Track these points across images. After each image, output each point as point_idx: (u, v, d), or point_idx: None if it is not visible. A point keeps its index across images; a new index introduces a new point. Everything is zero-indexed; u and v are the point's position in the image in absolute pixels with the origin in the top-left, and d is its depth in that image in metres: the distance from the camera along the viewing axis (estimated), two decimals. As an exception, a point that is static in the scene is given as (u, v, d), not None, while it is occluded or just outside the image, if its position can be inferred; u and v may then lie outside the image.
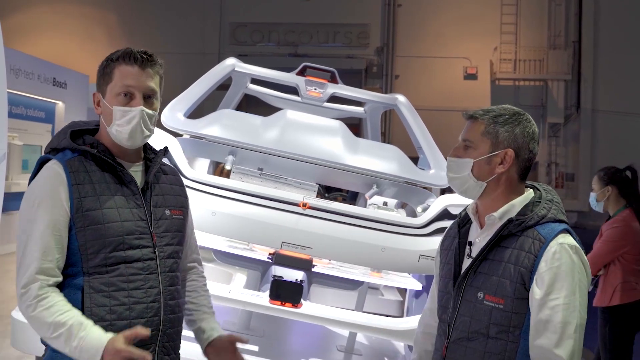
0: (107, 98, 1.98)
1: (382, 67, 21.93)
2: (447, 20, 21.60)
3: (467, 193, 2.04)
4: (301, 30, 22.04)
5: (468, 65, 21.70)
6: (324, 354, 4.50)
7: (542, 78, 21.70)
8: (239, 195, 3.70)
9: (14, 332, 3.71)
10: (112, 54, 2.00)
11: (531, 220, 1.92)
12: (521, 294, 1.87)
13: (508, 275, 1.89)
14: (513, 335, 1.88)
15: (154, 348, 1.97)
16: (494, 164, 1.97)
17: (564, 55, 21.50)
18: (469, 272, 1.97)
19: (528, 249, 1.88)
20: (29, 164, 10.48)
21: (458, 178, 2.03)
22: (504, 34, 21.75)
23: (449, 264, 2.08)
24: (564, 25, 21.84)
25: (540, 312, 1.83)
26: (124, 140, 1.98)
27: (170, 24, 21.78)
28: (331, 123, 4.84)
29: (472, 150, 2.00)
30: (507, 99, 20.85)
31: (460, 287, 1.99)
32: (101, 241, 1.89)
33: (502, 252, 1.93)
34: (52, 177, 1.90)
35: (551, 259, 1.85)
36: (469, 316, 1.95)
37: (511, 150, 1.96)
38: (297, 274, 3.77)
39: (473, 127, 2.03)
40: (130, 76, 1.95)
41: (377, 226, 3.72)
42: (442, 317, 2.07)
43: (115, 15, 22.42)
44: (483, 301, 1.92)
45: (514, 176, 1.99)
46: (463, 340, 1.95)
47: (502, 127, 1.98)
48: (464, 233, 2.09)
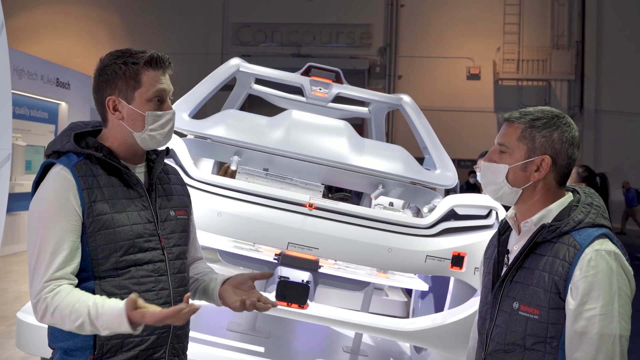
0: (135, 103, 1.94)
1: (385, 67, 21.93)
2: (450, 20, 21.59)
3: (503, 199, 1.96)
4: (304, 31, 22.04)
5: (471, 66, 21.69)
6: (329, 355, 4.49)
7: (545, 78, 21.69)
8: (245, 196, 3.68)
9: (19, 334, 3.70)
10: (128, 58, 1.93)
11: (567, 225, 1.84)
12: (557, 304, 1.80)
13: (542, 284, 1.81)
14: (551, 346, 1.81)
15: (165, 350, 1.96)
16: (529, 170, 1.89)
17: (567, 55, 21.48)
18: (505, 281, 1.91)
19: (563, 256, 1.80)
20: (33, 165, 10.48)
21: (493, 184, 1.95)
22: (507, 34, 21.73)
23: (489, 273, 2.01)
24: (567, 25, 21.82)
25: (576, 324, 1.75)
26: (157, 144, 1.98)
27: (173, 25, 21.80)
28: (337, 123, 4.82)
29: (508, 156, 1.92)
30: (510, 99, 20.87)
31: (497, 297, 1.93)
32: (112, 245, 1.87)
33: (537, 259, 1.85)
34: (62, 182, 1.86)
35: (586, 267, 1.76)
36: (504, 327, 1.88)
37: (548, 157, 1.88)
38: (304, 274, 3.75)
39: (509, 130, 1.94)
40: (160, 81, 1.95)
41: (383, 227, 3.70)
42: (481, 328, 2.01)
43: (119, 16, 22.44)
44: (518, 312, 1.85)
45: (551, 182, 1.91)
46: (499, 353, 1.89)
47: (539, 132, 1.89)
48: (503, 241, 2.02)
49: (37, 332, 1.91)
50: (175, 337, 1.99)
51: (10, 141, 5.26)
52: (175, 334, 1.99)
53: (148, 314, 1.67)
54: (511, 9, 21.76)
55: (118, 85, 1.93)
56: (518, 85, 21.78)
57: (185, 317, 1.71)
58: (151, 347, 1.91)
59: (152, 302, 1.88)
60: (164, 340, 1.95)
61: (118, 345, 1.87)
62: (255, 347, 4.07)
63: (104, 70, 1.95)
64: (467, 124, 20.74)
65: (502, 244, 2.02)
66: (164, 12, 22.05)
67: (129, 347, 1.88)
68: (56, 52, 20.00)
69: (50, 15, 22.52)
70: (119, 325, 1.71)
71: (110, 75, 1.93)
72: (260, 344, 4.15)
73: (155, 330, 1.92)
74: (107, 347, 1.85)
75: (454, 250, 3.62)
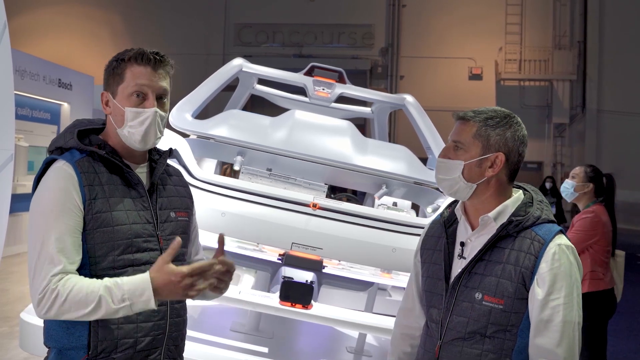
0: (118, 99, 1.94)
1: (386, 67, 21.92)
2: (451, 20, 21.58)
3: (457, 194, 2.03)
4: (306, 31, 22.04)
5: (473, 66, 21.68)
6: (333, 356, 4.49)
7: (548, 78, 21.66)
8: (249, 196, 3.67)
9: (22, 334, 3.69)
10: (121, 54, 1.96)
11: (528, 221, 1.94)
12: (521, 294, 1.90)
13: (508, 275, 1.90)
14: (510, 333, 1.91)
15: (160, 352, 1.94)
16: (484, 167, 1.98)
17: (569, 55, 21.46)
18: (464, 272, 1.98)
19: (527, 249, 1.91)
20: (35, 166, 10.48)
21: (448, 180, 2.02)
22: (509, 34, 21.71)
23: (435, 264, 2.08)
24: (569, 25, 21.80)
25: (542, 312, 1.87)
26: (136, 142, 1.94)
27: (175, 25, 21.81)
28: (340, 123, 4.81)
29: (463, 152, 2.00)
30: (512, 100, 20.85)
31: (455, 287, 1.99)
32: (110, 244, 1.86)
33: (498, 252, 1.94)
34: (64, 178, 1.85)
35: (551, 260, 1.88)
36: (465, 317, 1.95)
37: (502, 154, 1.97)
38: (307, 275, 3.75)
39: (464, 128, 2.02)
40: (142, 76, 1.92)
41: (387, 227, 3.70)
42: (433, 317, 2.06)
43: (120, 16, 22.45)
44: (482, 302, 1.92)
45: (503, 178, 2.00)
46: (458, 341, 1.96)
47: (494, 130, 1.98)
48: (450, 233, 2.09)
49: (41, 332, 1.90)
50: (171, 339, 1.98)
51: (12, 142, 5.26)
52: (171, 335, 1.97)
53: (176, 271, 1.72)
54: (513, 9, 21.74)
55: (108, 81, 1.97)
56: (520, 86, 21.76)
57: (215, 275, 1.80)
58: (146, 348, 1.90)
59: None
60: (159, 342, 1.93)
61: (112, 346, 1.85)
62: (258, 347, 4.07)
63: (105, 68, 2.00)
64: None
65: (449, 236, 2.08)
66: (165, 12, 22.06)
67: (123, 347, 1.86)
68: (58, 53, 20.01)
69: (52, 16, 22.53)
70: (142, 292, 1.73)
71: (106, 72, 1.98)
72: (264, 345, 4.15)
73: (151, 331, 1.91)
74: (102, 347, 1.84)
75: None
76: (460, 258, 2.02)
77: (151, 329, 1.90)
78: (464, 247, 2.03)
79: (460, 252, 2.03)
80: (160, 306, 1.89)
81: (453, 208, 2.12)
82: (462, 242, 2.04)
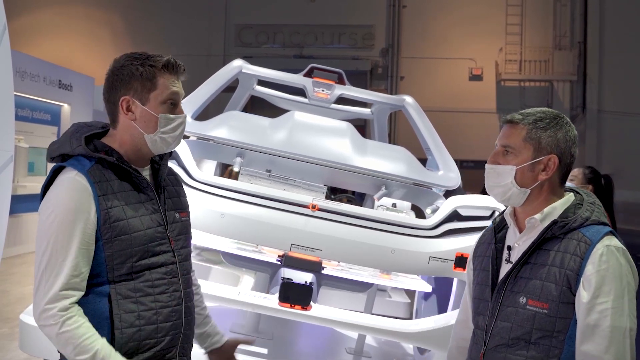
0: (150, 105, 1.95)
1: (387, 68, 21.90)
2: (452, 21, 21.56)
3: (510, 201, 1.97)
4: (306, 32, 22.02)
5: (473, 66, 21.65)
6: (333, 356, 4.49)
7: (548, 79, 21.63)
8: (248, 197, 3.68)
9: (22, 336, 3.70)
10: (147, 60, 1.96)
11: (575, 222, 1.87)
12: (567, 298, 1.82)
13: (553, 278, 1.83)
14: (557, 340, 1.83)
15: (175, 350, 1.98)
16: (536, 170, 1.92)
17: (569, 55, 21.43)
18: (509, 277, 1.92)
19: (573, 251, 1.83)
20: (35, 167, 10.49)
21: (500, 186, 1.95)
22: (509, 35, 21.69)
23: (484, 270, 2.02)
24: (569, 25, 21.78)
25: (588, 317, 1.78)
26: (166, 147, 2.00)
27: (175, 26, 21.79)
28: (339, 124, 4.82)
29: (513, 157, 1.94)
30: (512, 100, 20.83)
31: (500, 292, 1.93)
32: (128, 251, 1.88)
33: (544, 255, 1.88)
34: (79, 190, 1.85)
35: (598, 262, 1.79)
36: (509, 322, 1.89)
37: (555, 156, 1.92)
38: (307, 276, 3.75)
39: (513, 132, 1.95)
40: (174, 84, 1.99)
41: (387, 228, 3.70)
42: (479, 324, 2.01)
43: (121, 17, 22.43)
44: (526, 306, 1.86)
45: (555, 181, 1.95)
46: (502, 347, 1.90)
47: (545, 132, 1.92)
48: (500, 238, 2.03)
49: (41, 334, 1.89)
50: (185, 336, 2.02)
51: (12, 143, 5.26)
52: (185, 334, 2.01)
53: None
54: (513, 10, 21.72)
55: (134, 86, 1.94)
56: (520, 86, 21.74)
57: None
58: (165, 347, 1.94)
59: (165, 304, 1.93)
60: (176, 341, 1.97)
61: (134, 348, 1.88)
62: (258, 348, 4.07)
63: (119, 70, 1.96)
64: (469, 124, 20.70)
65: (499, 241, 2.03)
66: (166, 13, 22.04)
67: (144, 349, 1.90)
68: (58, 54, 19.99)
69: (52, 16, 22.52)
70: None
71: (126, 75, 1.94)
72: (264, 346, 4.15)
73: (170, 331, 1.95)
74: (125, 350, 1.86)
75: (457, 251, 3.61)
76: (507, 263, 1.98)
77: (170, 329, 1.94)
78: (510, 251, 1.98)
79: (507, 256, 1.98)
80: (177, 306, 1.96)
81: (503, 213, 2.07)
82: (509, 246, 2.00)
